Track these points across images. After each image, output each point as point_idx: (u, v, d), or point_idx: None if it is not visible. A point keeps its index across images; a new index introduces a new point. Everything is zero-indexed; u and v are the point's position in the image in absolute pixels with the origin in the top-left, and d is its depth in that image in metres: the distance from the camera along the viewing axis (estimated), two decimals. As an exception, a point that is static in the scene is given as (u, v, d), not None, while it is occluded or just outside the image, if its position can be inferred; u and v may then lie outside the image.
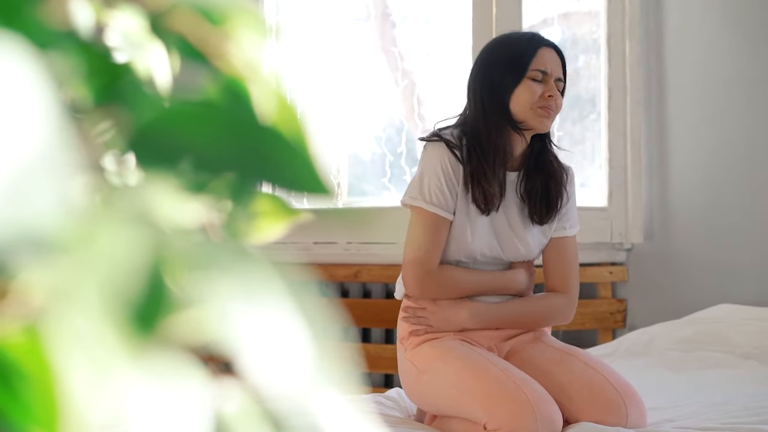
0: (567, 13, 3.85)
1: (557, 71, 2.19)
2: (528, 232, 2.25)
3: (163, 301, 0.29)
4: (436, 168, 2.16)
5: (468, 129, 2.20)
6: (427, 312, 2.21)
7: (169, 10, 0.38)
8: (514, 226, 2.23)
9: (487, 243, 2.20)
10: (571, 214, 2.31)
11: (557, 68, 2.19)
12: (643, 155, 3.58)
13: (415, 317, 2.22)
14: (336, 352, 0.32)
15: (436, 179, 2.16)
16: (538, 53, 2.18)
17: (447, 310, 2.21)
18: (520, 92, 2.16)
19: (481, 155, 2.16)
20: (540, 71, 2.16)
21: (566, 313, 2.28)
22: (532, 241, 2.25)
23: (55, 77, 0.31)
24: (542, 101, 2.15)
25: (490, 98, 2.19)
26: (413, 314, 2.23)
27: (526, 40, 2.23)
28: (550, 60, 2.18)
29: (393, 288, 3.64)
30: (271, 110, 0.37)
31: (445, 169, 2.16)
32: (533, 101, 2.15)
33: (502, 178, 2.19)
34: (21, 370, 0.29)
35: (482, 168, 2.15)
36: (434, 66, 3.97)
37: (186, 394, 0.30)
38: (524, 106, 2.16)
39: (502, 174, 2.19)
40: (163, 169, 0.36)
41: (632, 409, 2.08)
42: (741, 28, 3.49)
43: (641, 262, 3.58)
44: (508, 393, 2.00)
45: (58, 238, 0.28)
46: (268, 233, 0.46)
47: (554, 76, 2.18)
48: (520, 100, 2.16)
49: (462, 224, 2.18)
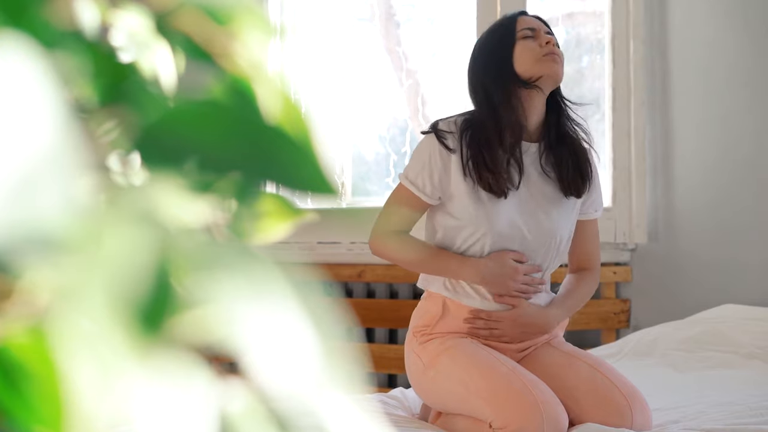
0: (571, 14, 3.85)
1: (544, 28, 2.26)
2: (556, 207, 2.23)
3: (169, 301, 0.29)
4: (423, 157, 2.21)
5: (474, 116, 2.21)
6: (502, 325, 2.21)
7: (174, 10, 0.38)
8: (538, 199, 2.22)
9: (507, 221, 2.18)
10: (597, 196, 2.35)
11: (542, 27, 2.26)
12: (648, 155, 3.57)
13: (488, 329, 2.21)
14: (341, 351, 0.32)
15: (420, 166, 2.21)
16: (518, 20, 2.26)
17: (525, 318, 2.21)
18: (519, 53, 2.21)
19: (484, 142, 2.16)
20: (527, 29, 2.23)
21: (596, 286, 2.38)
22: (558, 215, 2.23)
23: (61, 77, 0.31)
24: (544, 49, 2.21)
25: (494, 74, 2.22)
26: (485, 325, 2.21)
27: (503, 18, 2.31)
28: (531, 21, 2.26)
29: (397, 288, 3.64)
30: (277, 110, 0.37)
31: (432, 159, 2.19)
32: (535, 53, 2.21)
33: (518, 155, 2.19)
34: (26, 369, 0.30)
35: (482, 155, 2.15)
36: (438, 66, 3.97)
37: (191, 394, 0.30)
38: (529, 61, 2.20)
39: (518, 150, 2.19)
40: (168, 168, 0.36)
41: (637, 412, 2.08)
42: (745, 28, 3.49)
43: (645, 263, 3.58)
44: (515, 392, 2.00)
45: (65, 238, 0.28)
46: (272, 233, 0.46)
47: (542, 30, 2.25)
48: (523, 59, 2.21)
49: (468, 209, 2.17)
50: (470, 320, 2.21)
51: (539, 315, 2.22)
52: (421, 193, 2.20)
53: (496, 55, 2.23)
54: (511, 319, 2.20)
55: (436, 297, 2.25)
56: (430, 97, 3.94)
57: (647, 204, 3.56)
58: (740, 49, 3.48)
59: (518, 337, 2.22)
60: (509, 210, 2.18)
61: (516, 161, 2.18)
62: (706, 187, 3.50)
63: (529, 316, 2.21)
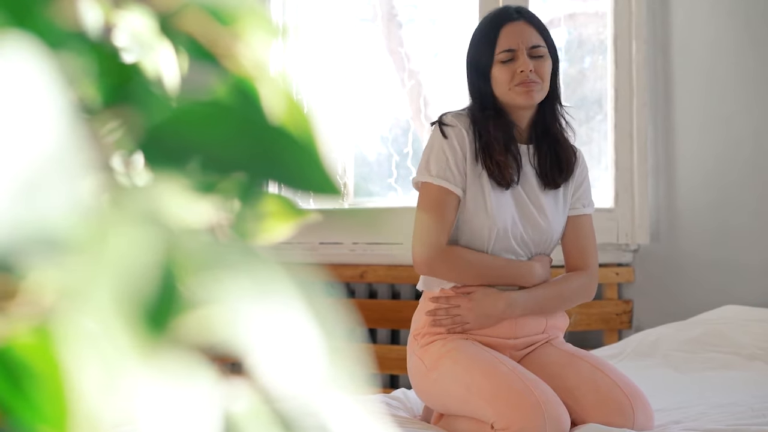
0: (573, 14, 3.85)
1: (528, 41, 2.15)
2: (546, 202, 2.23)
3: (174, 302, 0.30)
4: (441, 144, 2.17)
5: (474, 109, 2.21)
6: (462, 309, 2.17)
7: (178, 11, 0.38)
8: (532, 198, 2.23)
9: (510, 216, 2.18)
10: (586, 193, 2.33)
11: (527, 38, 2.15)
12: (650, 156, 3.57)
13: (449, 316, 2.19)
14: (346, 352, 0.32)
15: (442, 153, 2.16)
16: (501, 33, 2.16)
17: (483, 303, 2.16)
18: (494, 77, 2.17)
19: (490, 131, 2.16)
20: (506, 51, 2.15)
21: (590, 290, 2.29)
22: (550, 211, 2.24)
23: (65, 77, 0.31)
24: (517, 78, 2.14)
25: (477, 87, 2.21)
26: (446, 313, 2.19)
27: (489, 21, 2.22)
28: (515, 34, 2.15)
29: (399, 289, 3.64)
30: (280, 110, 0.37)
31: (451, 144, 2.15)
32: (508, 82, 2.15)
33: (515, 151, 2.19)
34: (30, 369, 0.30)
35: (491, 142, 2.15)
36: (441, 66, 3.97)
37: (195, 394, 0.30)
38: (502, 88, 2.16)
39: (515, 148, 2.20)
40: (171, 169, 0.36)
41: (639, 412, 2.08)
42: (747, 29, 3.48)
43: (647, 263, 3.58)
44: (517, 393, 2.00)
45: (69, 238, 0.28)
46: (275, 234, 0.46)
47: (525, 47, 2.14)
48: (497, 85, 2.17)
49: (477, 201, 2.17)
50: (432, 311, 2.19)
51: (498, 298, 2.16)
52: (453, 185, 2.14)
53: (477, 70, 2.20)
54: (467, 302, 2.17)
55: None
56: (433, 98, 3.94)
57: (649, 205, 3.56)
58: (742, 49, 3.48)
59: (481, 323, 2.18)
60: (509, 206, 2.19)
61: (514, 158, 2.19)
62: (708, 187, 3.50)
63: (486, 299, 2.16)
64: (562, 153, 2.25)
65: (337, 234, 3.75)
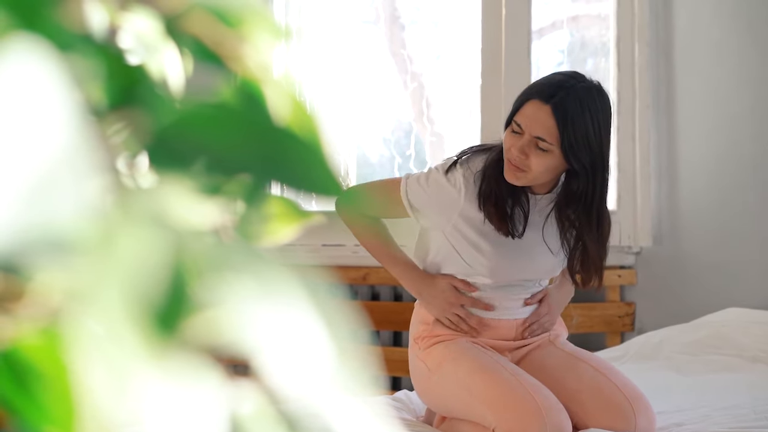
0: (576, 16, 3.85)
1: (535, 130, 2.01)
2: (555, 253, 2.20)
3: (181, 303, 0.30)
4: (438, 179, 2.15)
5: (498, 150, 2.14)
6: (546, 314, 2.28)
7: (183, 13, 0.38)
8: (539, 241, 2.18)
9: (508, 262, 2.16)
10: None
11: (536, 127, 2.02)
12: (652, 158, 3.57)
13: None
14: (352, 353, 0.32)
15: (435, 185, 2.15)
16: (524, 105, 2.05)
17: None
18: (504, 140, 2.10)
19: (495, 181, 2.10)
20: (517, 124, 2.05)
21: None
22: (555, 259, 2.21)
23: (73, 79, 0.31)
24: (508, 154, 2.05)
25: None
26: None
27: (532, 85, 2.14)
28: (531, 116, 2.03)
29: (401, 291, 3.64)
30: (286, 112, 0.37)
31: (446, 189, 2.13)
32: (506, 151, 2.06)
33: (524, 201, 2.14)
34: (38, 371, 0.30)
35: (490, 193, 2.09)
36: (443, 69, 3.97)
37: (202, 396, 0.30)
38: (504, 154, 2.08)
39: (525, 198, 2.14)
40: (177, 171, 0.36)
41: (641, 415, 2.08)
42: (750, 31, 3.48)
43: (650, 266, 3.58)
44: (518, 399, 1.99)
45: (77, 240, 0.28)
46: (280, 235, 0.46)
47: (530, 133, 2.02)
48: (504, 147, 2.09)
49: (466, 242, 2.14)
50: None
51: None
52: (411, 209, 2.18)
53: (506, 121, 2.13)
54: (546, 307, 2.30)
55: None
56: (435, 100, 3.94)
57: (652, 207, 3.56)
58: (745, 52, 3.48)
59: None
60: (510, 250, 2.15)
61: (522, 210, 2.13)
62: (710, 190, 3.50)
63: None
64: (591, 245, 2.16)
65: (339, 236, 3.75)
